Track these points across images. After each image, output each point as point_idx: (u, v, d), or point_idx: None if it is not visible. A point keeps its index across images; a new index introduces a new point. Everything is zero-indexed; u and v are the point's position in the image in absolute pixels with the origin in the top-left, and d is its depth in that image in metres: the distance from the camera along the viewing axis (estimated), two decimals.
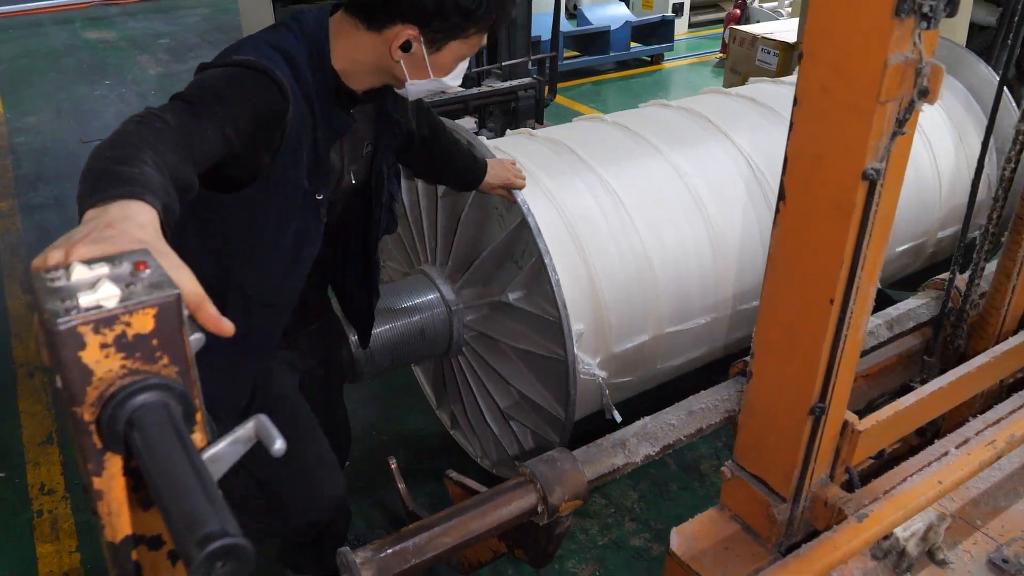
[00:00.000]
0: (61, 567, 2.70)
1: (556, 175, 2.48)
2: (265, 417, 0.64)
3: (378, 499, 2.96)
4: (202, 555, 0.48)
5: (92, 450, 0.61)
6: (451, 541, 1.52)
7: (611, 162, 2.54)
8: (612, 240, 2.38)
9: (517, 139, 2.75)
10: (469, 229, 2.46)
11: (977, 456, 1.78)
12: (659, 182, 2.55)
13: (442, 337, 2.48)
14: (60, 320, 0.56)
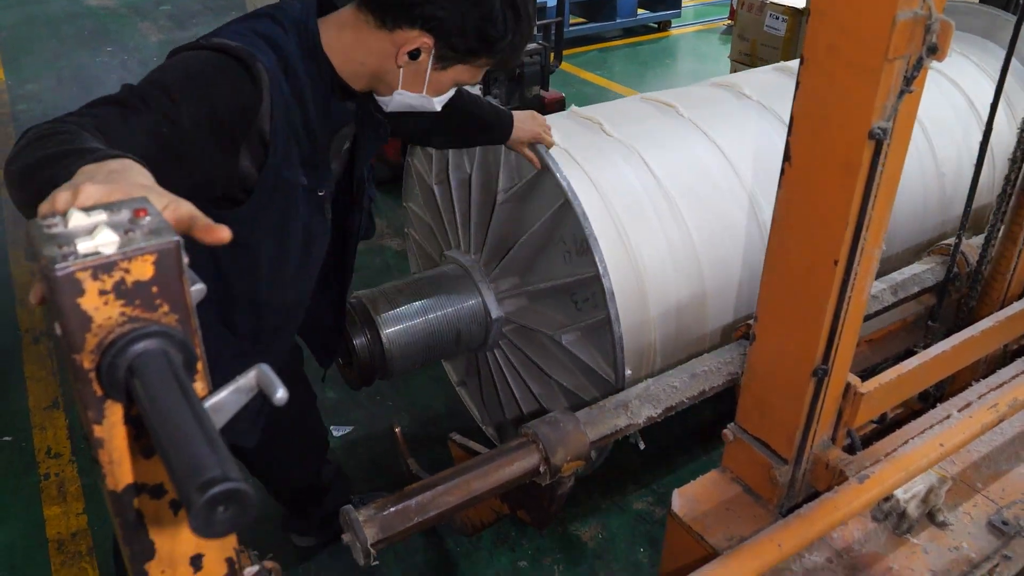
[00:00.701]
0: (68, 528, 2.73)
1: (594, 154, 2.32)
2: (267, 366, 0.64)
3: (382, 464, 2.98)
4: (203, 499, 0.48)
5: (92, 398, 0.61)
6: (453, 500, 1.53)
7: (656, 144, 2.40)
8: (661, 231, 2.25)
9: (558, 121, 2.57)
10: (505, 215, 2.32)
11: (979, 419, 1.78)
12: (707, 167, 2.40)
13: (478, 333, 2.36)
14: (58, 266, 0.56)
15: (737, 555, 1.49)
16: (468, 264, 2.40)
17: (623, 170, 2.29)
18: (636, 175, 2.29)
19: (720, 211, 2.34)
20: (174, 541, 0.72)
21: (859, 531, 1.73)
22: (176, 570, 0.73)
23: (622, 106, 2.70)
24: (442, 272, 2.44)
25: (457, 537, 2.67)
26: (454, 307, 2.34)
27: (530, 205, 2.24)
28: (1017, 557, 1.68)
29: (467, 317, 2.34)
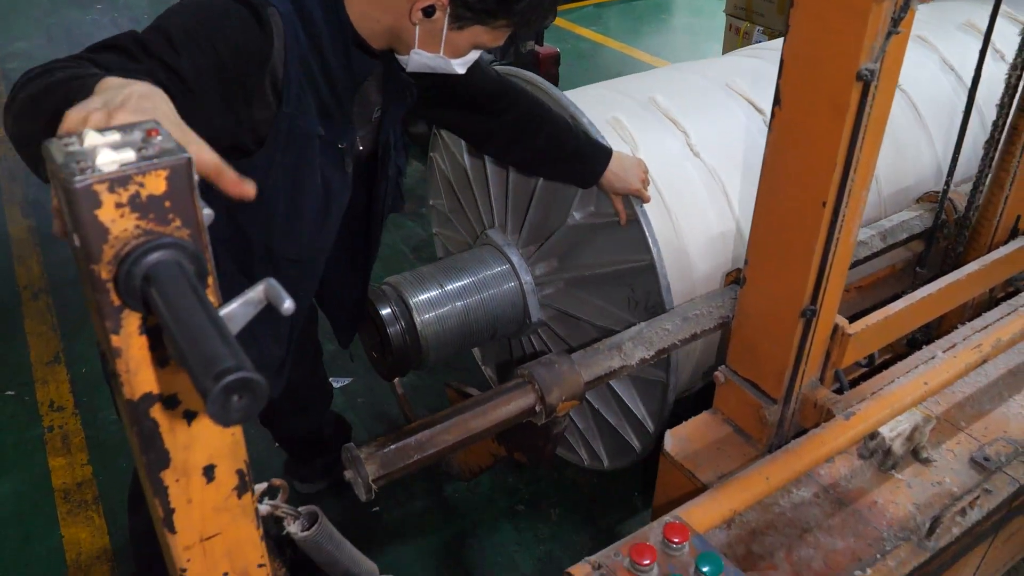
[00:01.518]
0: (74, 479, 2.79)
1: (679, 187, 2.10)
2: (274, 280, 0.67)
3: (382, 414, 3.04)
4: (218, 387, 0.52)
5: (110, 308, 0.64)
6: (452, 439, 1.58)
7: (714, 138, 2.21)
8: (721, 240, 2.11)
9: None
10: (546, 199, 2.17)
11: (963, 359, 1.83)
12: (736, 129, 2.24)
13: (516, 318, 2.23)
14: (77, 179, 0.59)
15: (727, 488, 1.54)
16: (507, 250, 2.25)
17: (709, 216, 2.10)
18: (719, 223, 2.10)
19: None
20: (188, 451, 0.75)
21: (845, 468, 1.78)
22: (190, 479, 0.77)
23: (706, 101, 2.35)
24: (474, 252, 2.29)
25: (456, 484, 2.73)
26: (490, 291, 2.20)
27: (604, 234, 2.08)
28: (997, 491, 1.73)
29: (506, 315, 2.22)
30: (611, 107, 2.22)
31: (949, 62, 2.66)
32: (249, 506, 0.83)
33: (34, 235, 4.19)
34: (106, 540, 2.57)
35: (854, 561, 1.59)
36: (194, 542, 0.81)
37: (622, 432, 2.26)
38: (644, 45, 6.92)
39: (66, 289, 3.74)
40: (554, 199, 2.15)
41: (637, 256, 1.97)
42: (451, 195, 2.59)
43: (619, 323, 2.05)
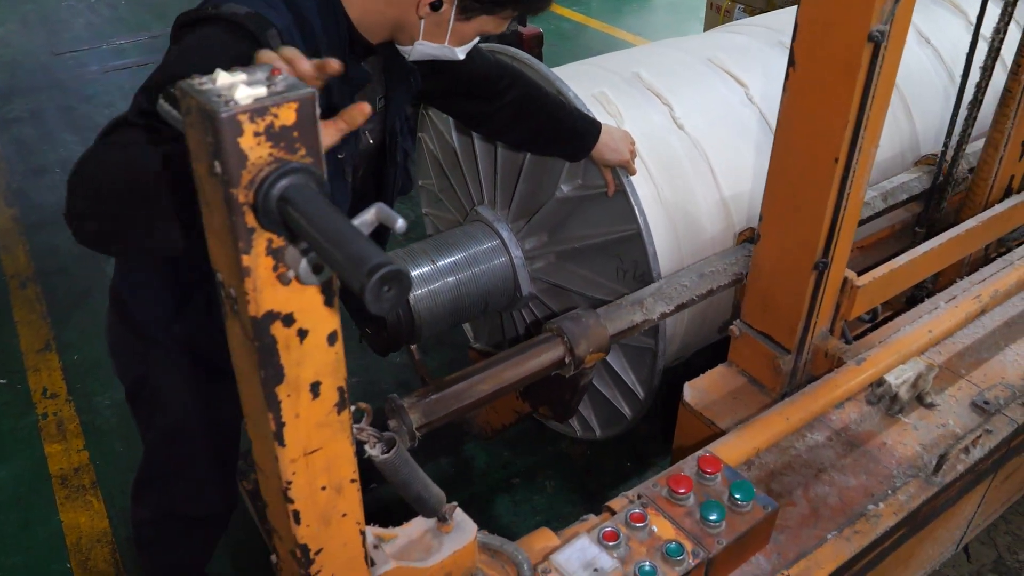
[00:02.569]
0: (71, 464, 2.82)
1: (665, 159, 2.17)
2: (384, 204, 0.75)
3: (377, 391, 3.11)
4: (374, 280, 0.60)
5: (243, 229, 0.72)
6: (488, 388, 1.66)
7: (717, 138, 2.26)
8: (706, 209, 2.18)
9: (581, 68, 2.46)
10: (535, 173, 2.22)
11: (964, 309, 1.94)
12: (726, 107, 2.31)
13: (507, 292, 2.29)
14: (223, 110, 0.67)
15: (750, 427, 1.64)
16: (498, 225, 2.30)
17: (693, 185, 2.17)
18: (703, 192, 2.18)
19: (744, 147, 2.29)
20: (299, 368, 0.83)
21: (855, 413, 1.88)
22: (299, 394, 0.85)
23: (691, 75, 2.42)
24: (465, 229, 2.33)
25: (451, 458, 2.81)
26: (480, 266, 2.26)
27: (593, 206, 2.15)
28: (997, 431, 1.84)
29: (486, 258, 2.27)
30: (597, 82, 2.29)
31: (925, 34, 2.75)
32: (347, 422, 0.91)
33: (18, 224, 4.19)
34: (105, 523, 2.60)
35: (867, 496, 1.69)
36: (299, 455, 0.89)
37: (613, 401, 2.35)
38: (626, 25, 7.00)
39: (54, 277, 3.75)
40: (542, 173, 2.20)
41: (624, 226, 2.05)
42: (440, 175, 2.63)
43: (609, 294, 2.11)
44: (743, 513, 1.39)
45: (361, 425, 1.02)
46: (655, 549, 1.33)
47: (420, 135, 2.69)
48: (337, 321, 0.84)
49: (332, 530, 0.98)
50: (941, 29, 2.78)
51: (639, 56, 2.53)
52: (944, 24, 2.83)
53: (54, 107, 5.47)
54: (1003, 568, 2.44)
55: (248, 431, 0.93)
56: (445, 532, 1.19)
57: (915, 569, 1.97)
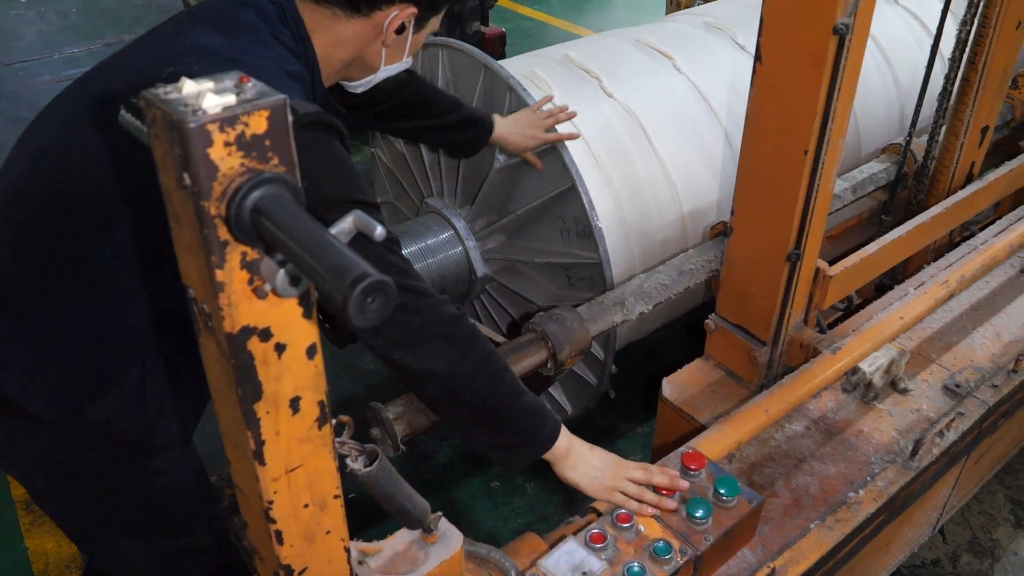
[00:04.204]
0: None
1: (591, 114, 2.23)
2: (361, 211, 0.72)
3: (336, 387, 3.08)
4: (357, 292, 0.58)
5: (216, 243, 0.69)
6: None
7: (658, 117, 2.32)
8: (657, 211, 2.24)
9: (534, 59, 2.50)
10: (500, 178, 2.24)
11: (933, 294, 1.96)
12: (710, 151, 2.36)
13: (462, 276, 2.32)
14: (191, 120, 0.64)
15: (731, 421, 1.64)
16: (452, 216, 2.33)
17: (623, 140, 2.24)
18: (635, 145, 2.24)
19: (718, 184, 2.35)
20: (278, 383, 0.80)
21: (832, 402, 1.89)
22: (279, 411, 0.82)
23: (618, 54, 2.52)
24: (425, 223, 2.36)
25: (429, 463, 2.78)
26: (435, 257, 2.29)
27: (529, 173, 2.19)
28: (969, 414, 1.86)
29: (452, 271, 2.30)
30: (529, 65, 2.37)
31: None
32: (328, 437, 0.88)
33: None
34: (72, 548, 2.52)
35: (847, 484, 1.71)
36: (280, 473, 0.86)
37: (576, 370, 2.35)
38: (587, 22, 7.02)
39: None
40: (481, 155, 2.25)
41: (559, 182, 2.10)
42: (395, 182, 2.68)
43: (558, 256, 2.17)
44: (729, 508, 1.38)
45: (342, 439, 0.99)
46: (643, 549, 1.32)
47: (373, 151, 2.74)
48: (316, 333, 0.81)
49: (316, 548, 0.96)
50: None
51: (571, 44, 2.63)
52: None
53: (4, 119, 5.34)
54: (978, 547, 2.48)
55: (226, 451, 0.91)
56: (431, 543, 1.17)
57: (895, 553, 1.99)
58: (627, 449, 2.83)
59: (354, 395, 3.07)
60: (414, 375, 1.29)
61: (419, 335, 1.25)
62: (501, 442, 1.40)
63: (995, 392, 1.91)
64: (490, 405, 1.35)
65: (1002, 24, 2.16)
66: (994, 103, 2.34)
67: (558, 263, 2.17)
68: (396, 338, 1.24)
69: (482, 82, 2.25)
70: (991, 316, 2.17)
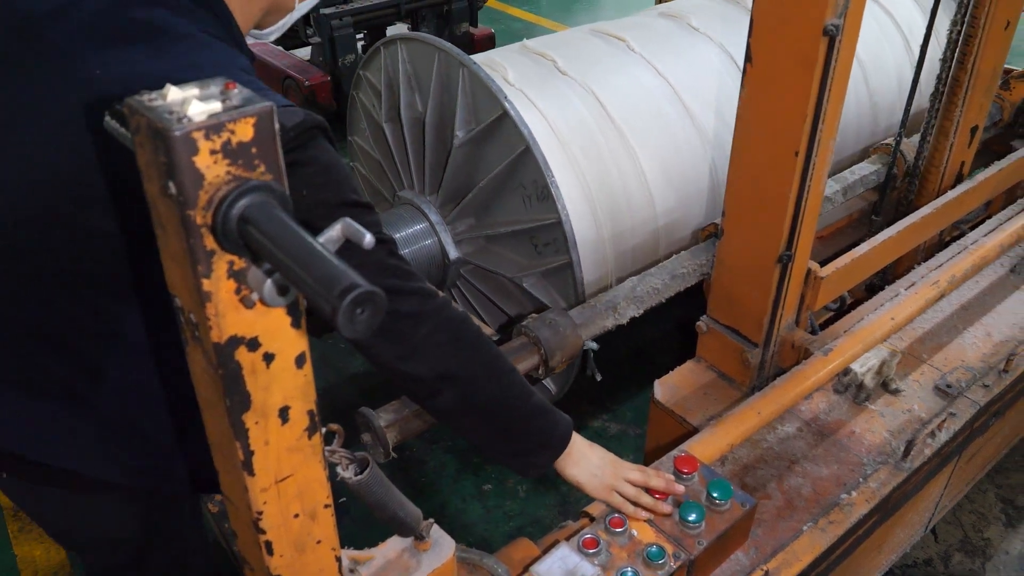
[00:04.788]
0: None
1: (551, 95, 2.30)
2: (349, 219, 0.71)
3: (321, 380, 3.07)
4: (346, 302, 0.57)
5: (202, 253, 0.68)
6: None
7: (610, 84, 2.39)
8: (617, 172, 2.27)
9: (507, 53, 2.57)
10: (462, 158, 2.27)
11: (924, 295, 1.96)
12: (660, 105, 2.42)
13: (435, 274, 2.35)
14: (176, 127, 0.63)
15: (723, 424, 1.63)
16: (423, 205, 2.37)
17: (580, 111, 2.30)
18: (592, 115, 2.31)
19: (674, 147, 2.39)
20: (266, 393, 0.79)
21: (824, 403, 1.89)
22: (268, 420, 0.81)
23: (574, 40, 2.65)
24: (397, 213, 2.41)
25: (420, 468, 2.77)
26: (410, 247, 2.33)
27: (488, 149, 2.22)
28: (960, 414, 1.87)
29: (424, 258, 2.34)
30: (490, 56, 2.45)
31: None
32: (318, 446, 0.87)
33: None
34: (62, 555, 2.50)
35: (840, 486, 1.70)
36: (270, 484, 0.85)
37: None
38: (575, 22, 7.03)
39: None
40: (469, 160, 2.28)
41: (515, 147, 2.11)
42: (370, 142, 2.72)
43: (523, 222, 2.19)
44: (722, 512, 1.38)
45: (333, 447, 0.98)
46: (636, 554, 1.31)
47: (353, 164, 2.82)
48: (305, 342, 0.80)
49: (307, 558, 0.95)
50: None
51: (532, 40, 2.69)
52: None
53: None
54: (969, 546, 2.48)
55: (215, 462, 0.89)
56: (423, 550, 1.16)
57: (888, 554, 1.99)
58: (619, 451, 2.80)
59: (343, 397, 3.06)
60: (427, 385, 1.25)
61: (428, 342, 1.21)
62: (519, 447, 1.36)
63: (986, 392, 1.92)
64: (504, 408, 1.31)
65: (991, 24, 2.17)
66: (983, 103, 2.35)
67: (523, 230, 2.18)
68: (404, 351, 1.20)
69: (437, 66, 2.28)
70: (981, 316, 2.17)
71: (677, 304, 2.15)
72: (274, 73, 4.98)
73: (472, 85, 2.19)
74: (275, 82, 5.00)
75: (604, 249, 2.24)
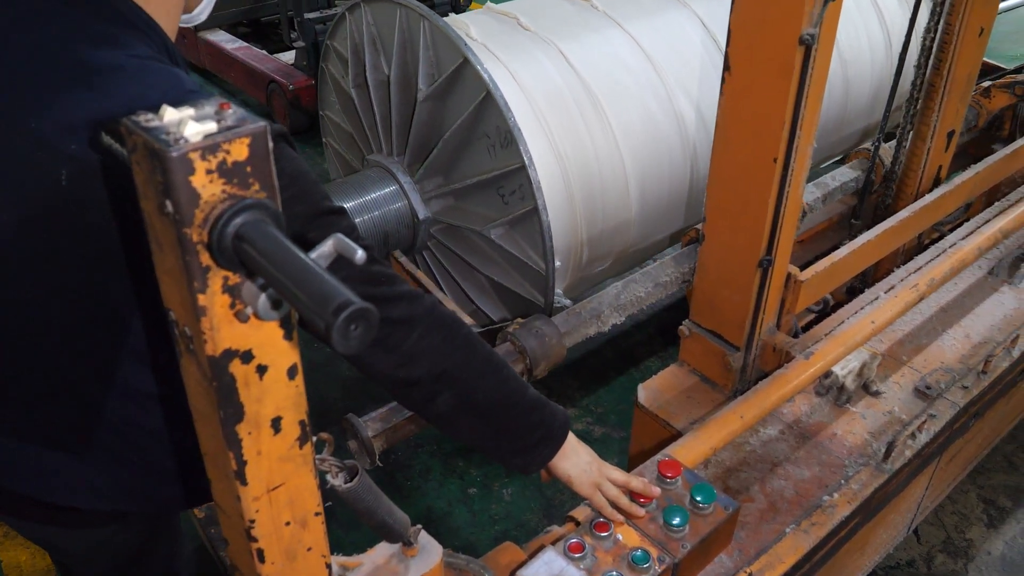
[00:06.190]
0: None
1: (514, 49, 2.37)
2: (342, 235, 0.73)
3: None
4: (340, 319, 0.59)
5: (198, 269, 0.70)
6: None
7: (574, 37, 2.47)
8: (583, 123, 2.32)
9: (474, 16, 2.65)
10: (426, 114, 2.32)
11: (903, 298, 1.99)
12: (624, 59, 2.49)
13: (406, 235, 2.39)
14: (172, 148, 0.64)
15: (706, 427, 1.66)
16: (391, 166, 2.41)
17: (543, 64, 2.36)
18: (556, 68, 2.36)
19: (639, 104, 2.44)
20: (259, 404, 0.81)
21: (806, 405, 1.93)
22: (260, 431, 0.83)
23: (539, 2, 2.70)
24: (365, 175, 2.43)
25: (405, 472, 2.79)
26: (380, 210, 2.35)
27: (451, 102, 2.26)
28: (940, 415, 1.90)
29: (394, 219, 2.37)
30: (454, 17, 2.52)
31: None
32: (309, 456, 0.89)
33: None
34: (47, 560, 2.50)
35: (822, 488, 1.73)
36: (262, 493, 0.87)
37: (523, 292, 2.33)
38: None
39: None
40: (434, 117, 2.33)
41: (477, 94, 2.15)
42: (340, 113, 2.77)
43: (488, 172, 2.22)
44: (705, 515, 1.40)
45: (323, 456, 1.00)
46: (621, 558, 1.33)
47: (323, 64, 2.79)
48: (297, 354, 0.82)
49: (298, 565, 0.96)
50: None
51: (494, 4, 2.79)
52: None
53: None
54: (951, 547, 2.52)
55: (208, 471, 0.91)
56: (410, 556, 1.18)
57: (871, 555, 2.03)
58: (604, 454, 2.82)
59: (330, 400, 3.07)
60: (425, 389, 1.24)
61: (422, 345, 1.21)
62: (521, 444, 1.36)
63: (965, 393, 1.96)
64: (503, 404, 1.31)
65: (965, 31, 2.21)
66: (959, 108, 2.39)
67: (489, 180, 2.21)
68: (400, 358, 1.20)
69: (399, 24, 2.32)
70: (960, 318, 2.21)
71: (662, 308, 2.19)
72: (259, 77, 4.99)
73: (433, 38, 2.23)
74: (260, 86, 5.01)
75: (572, 196, 2.26)
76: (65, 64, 1.07)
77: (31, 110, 1.06)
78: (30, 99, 1.06)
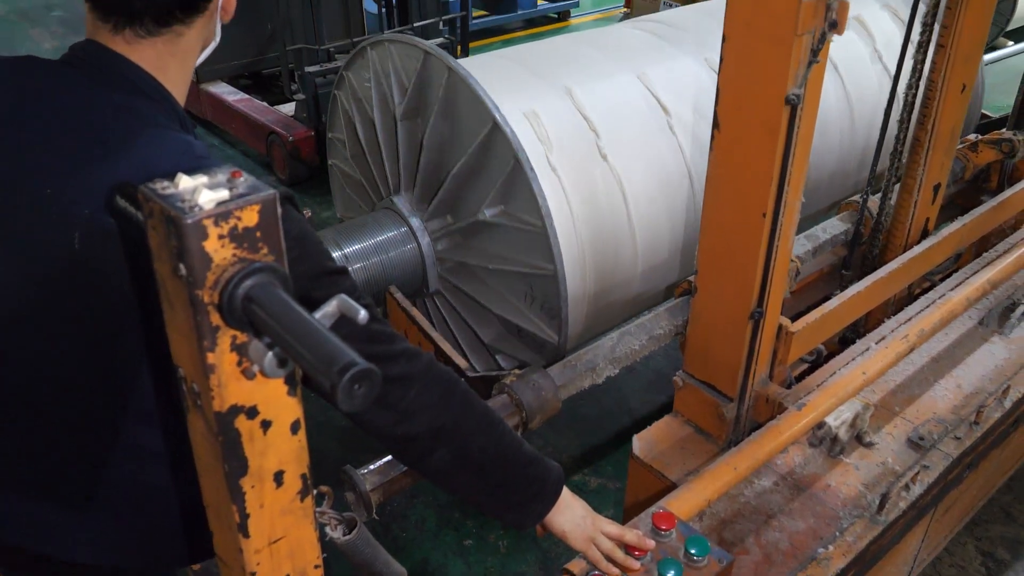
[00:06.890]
0: None
1: (520, 85, 2.47)
2: (345, 295, 0.77)
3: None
4: (345, 379, 0.62)
5: (208, 328, 0.73)
6: None
7: (584, 79, 2.55)
8: (592, 163, 2.40)
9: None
10: (433, 151, 2.39)
11: (894, 349, 2.03)
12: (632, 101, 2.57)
13: (415, 274, 2.45)
14: (187, 215, 0.68)
15: (700, 479, 1.67)
16: (402, 207, 2.49)
17: (552, 102, 2.43)
18: (563, 106, 2.44)
19: (651, 151, 2.52)
20: (263, 458, 0.83)
21: (799, 456, 1.94)
22: (263, 484, 0.85)
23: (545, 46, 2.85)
24: (371, 216, 2.53)
25: (401, 523, 2.78)
26: (378, 239, 2.45)
27: (458, 128, 2.36)
28: (934, 466, 1.92)
29: (393, 243, 2.46)
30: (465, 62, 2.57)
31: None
32: (310, 509, 0.91)
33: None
34: None
35: (816, 540, 1.74)
36: (263, 545, 0.89)
37: (535, 331, 2.39)
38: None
39: None
40: (441, 152, 2.39)
41: (485, 125, 2.24)
42: (349, 140, 2.84)
43: (487, 207, 2.31)
44: (700, 568, 1.41)
45: (322, 508, 1.02)
46: None
47: (335, 91, 2.86)
48: (300, 409, 0.85)
49: None
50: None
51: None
52: None
53: None
54: None
55: (210, 523, 0.93)
56: None
57: None
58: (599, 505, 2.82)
59: (326, 451, 3.06)
60: (421, 445, 1.26)
61: (419, 402, 1.23)
62: (516, 499, 1.37)
63: (958, 444, 1.97)
64: (498, 460, 1.33)
65: (948, 87, 2.28)
66: (944, 162, 2.45)
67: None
68: (398, 416, 1.22)
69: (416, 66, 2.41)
70: (952, 368, 2.24)
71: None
72: (259, 129, 5.08)
73: (449, 81, 2.32)
74: (260, 137, 5.09)
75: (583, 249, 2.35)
76: (83, 133, 1.12)
77: (48, 176, 1.10)
78: (48, 166, 1.11)
